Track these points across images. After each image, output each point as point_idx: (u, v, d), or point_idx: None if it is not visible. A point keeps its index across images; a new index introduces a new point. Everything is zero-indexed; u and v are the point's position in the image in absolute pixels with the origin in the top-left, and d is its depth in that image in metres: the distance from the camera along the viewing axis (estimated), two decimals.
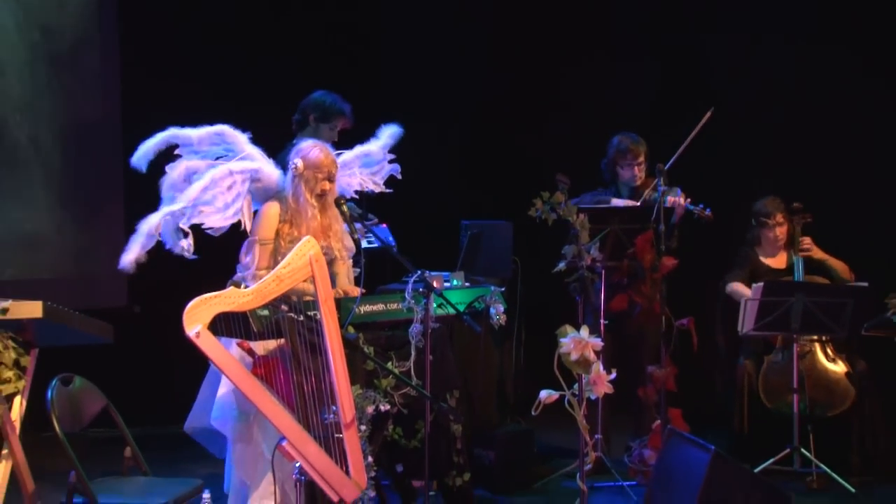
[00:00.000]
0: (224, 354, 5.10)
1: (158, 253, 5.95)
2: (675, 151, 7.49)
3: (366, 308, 5.93)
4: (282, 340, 5.42)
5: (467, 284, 6.61)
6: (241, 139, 6.15)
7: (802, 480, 7.09)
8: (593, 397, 5.48)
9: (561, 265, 7.06)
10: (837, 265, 7.67)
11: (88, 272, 8.96)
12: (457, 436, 6.27)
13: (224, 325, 5.19)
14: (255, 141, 6.21)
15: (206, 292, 5.00)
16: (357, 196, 6.52)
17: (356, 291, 6.08)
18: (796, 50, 8.88)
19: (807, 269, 7.62)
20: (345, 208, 6.07)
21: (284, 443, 5.05)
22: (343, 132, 6.95)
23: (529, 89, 9.76)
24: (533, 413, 5.44)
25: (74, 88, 9.20)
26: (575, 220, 6.82)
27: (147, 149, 6.05)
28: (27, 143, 8.92)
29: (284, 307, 5.29)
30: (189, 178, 6.01)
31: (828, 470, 7.14)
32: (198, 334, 4.90)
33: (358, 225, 6.26)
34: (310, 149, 6.02)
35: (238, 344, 5.59)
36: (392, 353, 5.96)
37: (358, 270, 6.40)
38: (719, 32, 9.23)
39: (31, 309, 5.15)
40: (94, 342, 5.55)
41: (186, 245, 5.90)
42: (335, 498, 5.15)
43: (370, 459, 5.42)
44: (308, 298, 5.36)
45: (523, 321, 7.90)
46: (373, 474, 5.44)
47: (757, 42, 9.01)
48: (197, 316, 4.92)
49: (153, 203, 6.04)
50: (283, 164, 6.15)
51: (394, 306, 6.01)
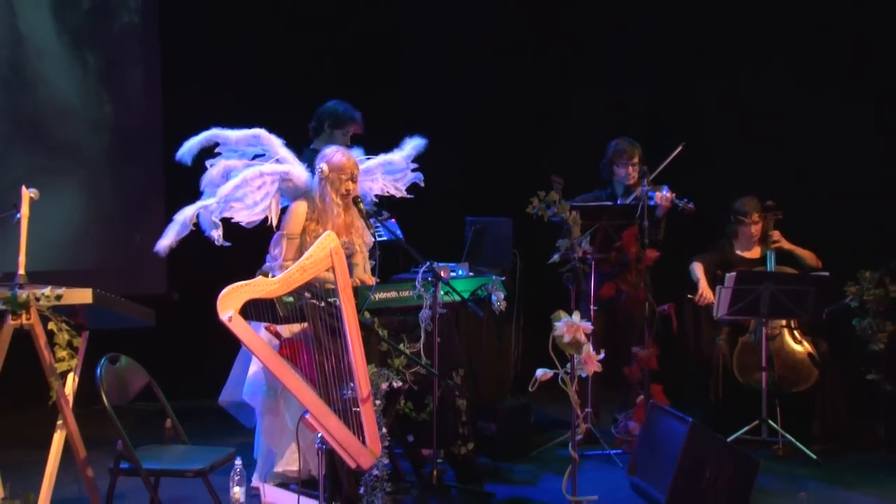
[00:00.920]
0: (254, 337, 5.12)
1: (195, 245, 5.97)
2: (657, 153, 7.52)
3: (380, 295, 5.91)
4: (305, 324, 5.44)
5: (471, 274, 6.62)
6: (276, 142, 6.15)
7: (769, 448, 7.09)
8: (584, 375, 5.47)
9: (555, 257, 7.12)
10: (805, 254, 7.66)
11: (132, 263, 8.93)
12: (462, 409, 6.24)
13: (254, 311, 5.25)
14: (290, 145, 6.23)
15: (238, 281, 5.03)
16: (377, 199, 6.49)
17: (372, 280, 6.10)
18: (770, 74, 8.86)
19: (778, 260, 7.63)
20: (361, 206, 6.08)
21: (307, 415, 5.06)
22: (357, 137, 6.92)
23: (529, 100, 9.71)
24: (530, 389, 5.45)
25: (119, 97, 9.16)
26: (568, 217, 6.86)
27: (191, 145, 6.07)
28: (76, 147, 8.91)
29: (308, 294, 5.32)
30: (227, 175, 6.02)
31: (792, 439, 7.15)
32: (230, 319, 4.93)
33: (372, 220, 6.24)
34: (333, 154, 6.01)
35: (266, 327, 5.64)
36: (404, 336, 5.93)
37: (374, 262, 6.42)
38: (710, 67, 9.20)
39: (82, 295, 5.25)
40: (138, 325, 5.65)
41: (217, 234, 5.92)
42: (353, 465, 5.18)
43: (384, 430, 5.36)
44: (329, 286, 5.35)
45: (521, 307, 7.84)
46: (386, 444, 5.40)
47: (737, 69, 8.99)
48: (229, 302, 4.95)
49: (191, 199, 6.04)
50: (309, 164, 6.15)
51: (405, 294, 5.99)
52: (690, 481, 5.84)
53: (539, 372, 5.41)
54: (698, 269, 7.69)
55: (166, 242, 5.93)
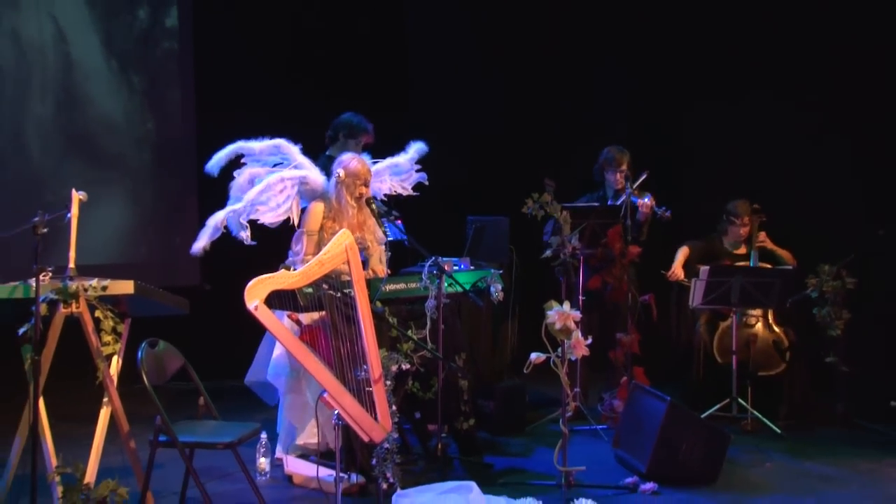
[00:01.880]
0: (277, 324, 5.13)
1: (224, 242, 6.00)
2: (641, 159, 7.52)
3: (390, 287, 5.95)
4: (323, 312, 5.43)
5: (472, 268, 6.58)
6: (294, 150, 6.19)
7: (739, 424, 7.08)
8: (573, 358, 5.58)
9: (548, 252, 7.14)
10: (784, 253, 7.67)
11: (169, 257, 8.97)
12: (464, 389, 6.26)
13: (277, 300, 5.26)
14: (307, 152, 6.26)
15: (263, 274, 5.03)
16: (386, 198, 6.50)
17: (385, 271, 6.21)
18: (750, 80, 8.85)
19: (759, 258, 7.66)
20: (373, 206, 6.13)
21: (325, 394, 5.08)
22: (368, 146, 6.91)
23: (525, 111, 9.69)
24: (525, 371, 5.55)
25: (160, 114, 9.18)
26: (559, 216, 6.87)
27: (219, 157, 6.10)
28: (122, 159, 8.94)
29: (325, 286, 5.31)
30: (252, 182, 6.07)
31: (759, 416, 7.17)
32: (256, 308, 4.93)
33: (384, 220, 6.26)
34: (349, 161, 6.06)
35: (288, 315, 5.70)
36: (412, 323, 5.94)
37: (389, 253, 6.45)
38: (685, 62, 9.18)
39: (125, 287, 5.28)
40: (174, 313, 5.65)
41: (245, 235, 5.96)
42: (366, 438, 5.19)
43: (394, 408, 5.34)
44: (344, 278, 5.35)
45: (517, 297, 7.80)
46: (396, 420, 5.37)
47: (718, 71, 8.99)
48: (255, 293, 4.95)
49: (221, 203, 6.08)
50: (325, 169, 6.19)
51: (413, 285, 6.02)
52: (668, 453, 5.90)
53: (533, 355, 5.51)
54: (681, 252, 7.72)
55: (200, 245, 5.99)
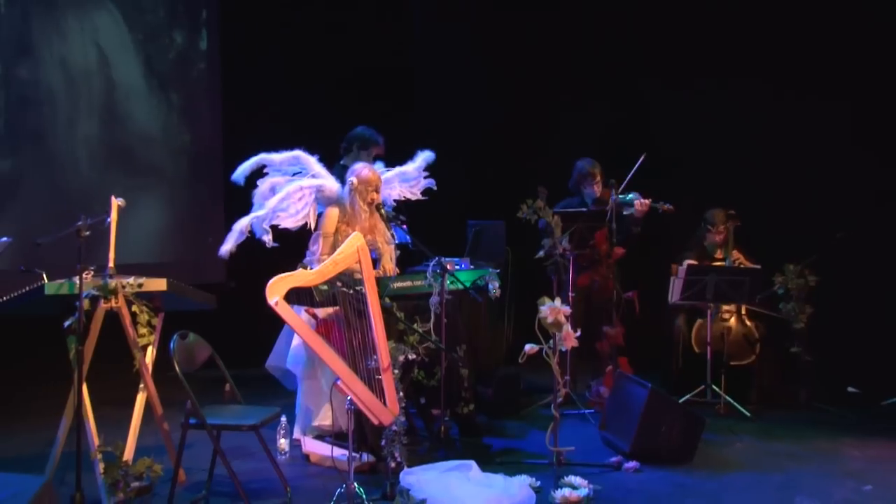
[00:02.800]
0: (295, 317, 5.16)
1: (248, 243, 6.00)
2: (624, 166, 7.47)
3: (398, 284, 5.95)
4: (337, 307, 5.46)
5: (472, 267, 6.55)
6: (312, 161, 6.18)
7: (713, 408, 7.11)
8: (564, 349, 5.63)
9: (541, 253, 7.15)
10: (748, 264, 7.64)
11: (198, 257, 8.94)
12: (464, 377, 6.27)
13: (295, 296, 5.27)
14: (323, 161, 6.25)
15: (283, 273, 5.06)
16: (395, 203, 6.47)
17: (395, 270, 6.19)
18: (724, 93, 8.82)
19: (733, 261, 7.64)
20: (383, 211, 6.13)
21: (339, 381, 5.10)
22: (379, 156, 6.89)
23: (520, 125, 9.65)
24: (520, 361, 5.63)
25: (192, 127, 9.19)
26: (551, 220, 6.89)
27: (243, 168, 6.11)
28: (156, 168, 8.95)
29: (339, 283, 5.33)
30: (273, 190, 6.06)
31: (731, 400, 7.20)
32: (276, 303, 4.96)
33: (392, 224, 6.24)
34: (361, 169, 6.07)
35: (306, 310, 5.70)
36: (417, 317, 5.89)
37: (398, 252, 6.40)
38: (661, 79, 9.18)
39: (159, 284, 5.34)
40: (203, 308, 5.69)
41: (268, 239, 5.94)
42: (376, 421, 5.21)
43: (401, 394, 5.37)
44: (356, 277, 5.35)
45: (513, 294, 7.79)
46: (403, 405, 5.42)
47: (692, 86, 8.97)
48: (276, 289, 4.97)
49: (245, 209, 6.09)
50: (339, 177, 6.18)
51: (418, 283, 6.01)
52: (649, 434, 5.91)
53: (527, 346, 5.57)
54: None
55: (227, 247, 5.98)
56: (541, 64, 9.74)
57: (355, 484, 5.01)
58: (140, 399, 5.48)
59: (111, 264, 5.35)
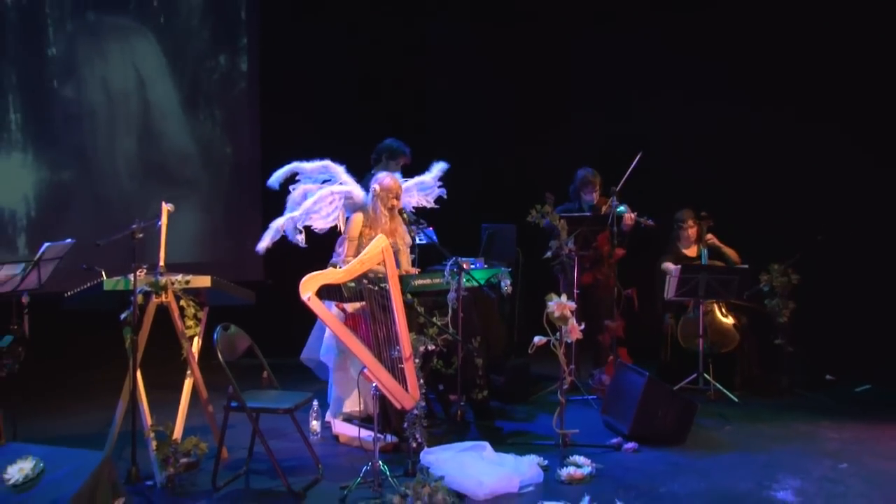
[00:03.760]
0: (326, 312, 5.21)
1: (283, 245, 6.04)
2: (622, 173, 7.45)
3: (418, 282, 5.99)
4: (364, 303, 5.47)
5: (486, 266, 6.61)
6: (340, 170, 6.22)
7: (704, 394, 7.10)
8: (569, 341, 5.65)
9: (548, 253, 7.15)
10: (730, 252, 7.67)
11: (239, 256, 8.97)
12: (479, 366, 6.29)
13: (326, 292, 5.30)
14: (351, 171, 6.29)
15: (314, 271, 5.10)
16: (414, 210, 6.47)
17: (413, 271, 6.23)
18: (703, 105, 8.77)
19: (709, 256, 7.65)
20: (405, 216, 6.16)
21: (365, 370, 5.13)
22: (406, 166, 6.91)
23: (528, 135, 9.64)
24: (529, 351, 5.67)
25: (231, 139, 9.22)
26: (558, 223, 6.93)
27: (278, 175, 6.15)
28: (201, 176, 8.99)
29: (365, 281, 5.34)
30: (305, 196, 6.10)
31: (720, 387, 7.20)
32: (309, 298, 5.00)
33: (413, 227, 6.29)
34: (383, 178, 6.10)
35: (336, 305, 5.74)
36: (436, 312, 5.91)
37: (414, 256, 6.46)
38: (653, 94, 9.16)
39: (204, 281, 5.41)
40: (243, 303, 5.74)
41: (300, 239, 5.99)
42: (398, 406, 5.24)
43: (421, 381, 5.37)
44: (381, 275, 5.37)
45: (523, 291, 7.80)
46: (423, 391, 5.43)
47: (678, 98, 8.94)
48: (308, 286, 5.01)
49: (280, 212, 6.14)
50: (367, 186, 6.19)
51: (437, 280, 6.04)
52: (647, 418, 5.93)
53: (536, 338, 5.60)
54: (668, 266, 7.65)
55: (263, 244, 6.02)
56: (547, 77, 9.73)
57: (380, 462, 5.05)
58: (187, 384, 5.54)
59: (162, 263, 5.41)
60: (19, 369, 4.92)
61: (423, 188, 6.48)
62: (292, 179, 6.18)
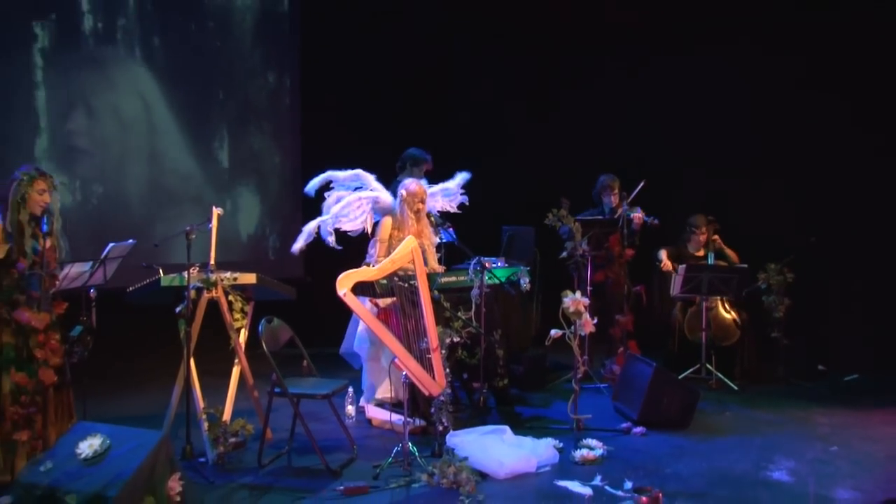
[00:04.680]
0: (360, 306, 5.27)
1: (321, 246, 6.06)
2: (630, 176, 7.54)
3: (444, 279, 6.01)
4: (394, 298, 5.51)
5: (506, 265, 6.63)
6: (370, 178, 6.22)
7: (706, 383, 7.13)
8: (583, 334, 5.66)
9: (564, 254, 7.22)
10: (731, 254, 7.66)
11: (281, 256, 9.02)
12: (500, 356, 6.29)
13: (360, 289, 5.35)
14: (380, 178, 6.31)
15: (349, 269, 5.16)
16: (439, 213, 6.46)
17: (440, 269, 6.24)
18: (709, 115, 8.77)
19: (714, 257, 7.65)
20: (431, 218, 6.18)
21: (396, 360, 5.19)
22: (429, 172, 6.88)
23: (547, 144, 9.64)
24: (546, 343, 5.68)
25: (276, 148, 9.27)
26: (573, 226, 6.95)
27: (314, 183, 6.18)
28: (252, 183, 9.03)
29: (396, 278, 5.38)
30: (338, 202, 6.12)
31: (721, 376, 7.22)
32: (345, 294, 5.06)
33: (439, 228, 6.29)
34: (410, 184, 6.09)
35: (369, 300, 5.76)
36: (461, 307, 5.89)
37: (440, 255, 6.46)
38: (660, 106, 9.11)
39: (250, 278, 5.46)
40: (285, 298, 5.76)
41: (331, 240, 6.01)
42: (426, 393, 5.29)
43: (447, 370, 5.42)
44: (410, 273, 5.39)
45: (541, 287, 7.76)
46: (449, 379, 5.46)
47: (688, 112, 8.92)
48: (344, 283, 5.07)
49: (317, 215, 6.17)
50: (394, 192, 6.21)
51: (462, 278, 6.07)
52: (653, 405, 5.95)
53: (553, 331, 5.61)
54: (664, 252, 7.70)
55: (298, 245, 6.07)
56: (561, 91, 9.73)
57: (409, 443, 5.08)
58: (235, 371, 5.59)
59: (212, 262, 5.47)
60: (88, 356, 4.97)
61: (447, 194, 6.49)
62: (327, 187, 6.20)
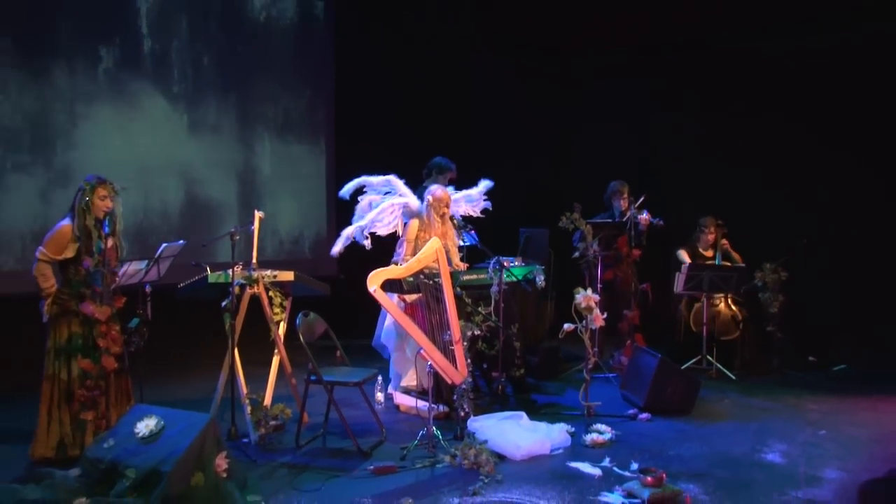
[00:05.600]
0: (389, 302, 5.30)
1: (352, 246, 6.10)
2: (638, 181, 7.57)
3: (466, 277, 6.00)
4: (420, 294, 5.55)
5: (523, 264, 6.59)
6: (400, 183, 6.25)
7: (707, 373, 7.15)
8: (593, 327, 5.68)
9: (576, 254, 7.20)
10: (737, 256, 7.66)
11: (316, 256, 9.02)
12: (517, 348, 6.30)
13: (388, 286, 5.37)
14: (408, 183, 6.34)
15: (379, 268, 5.22)
16: (462, 217, 6.47)
17: (462, 267, 6.24)
18: (716, 124, 8.80)
19: (721, 258, 7.65)
20: (454, 221, 6.21)
21: (421, 351, 5.23)
22: (453, 180, 6.90)
23: (561, 152, 9.71)
24: (560, 336, 5.73)
25: (310, 156, 9.22)
26: (584, 228, 6.95)
27: (348, 188, 6.23)
28: (291, 189, 8.99)
29: (422, 276, 5.42)
30: (370, 206, 6.17)
31: (721, 367, 7.24)
32: (375, 290, 5.12)
33: (461, 231, 6.33)
34: (436, 190, 6.12)
35: (398, 296, 5.78)
36: (481, 302, 5.89)
37: (462, 254, 6.47)
38: (669, 116, 9.12)
39: (288, 275, 5.51)
40: (320, 294, 5.79)
41: (367, 243, 6.04)
42: (449, 381, 5.33)
43: (469, 361, 5.43)
44: (435, 271, 5.43)
45: (555, 285, 7.80)
46: (470, 369, 5.48)
47: (695, 121, 8.95)
48: (374, 280, 5.13)
49: (348, 218, 6.24)
50: (421, 197, 6.23)
51: (482, 276, 6.03)
52: (658, 393, 5.98)
53: (566, 325, 5.64)
54: (684, 254, 7.68)
55: (337, 249, 6.08)
56: (574, 103, 9.77)
57: (434, 427, 5.11)
58: (275, 361, 5.66)
59: (254, 261, 5.54)
60: (144, 345, 5.06)
61: (470, 200, 6.49)
62: (360, 190, 6.23)
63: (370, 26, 9.40)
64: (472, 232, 6.34)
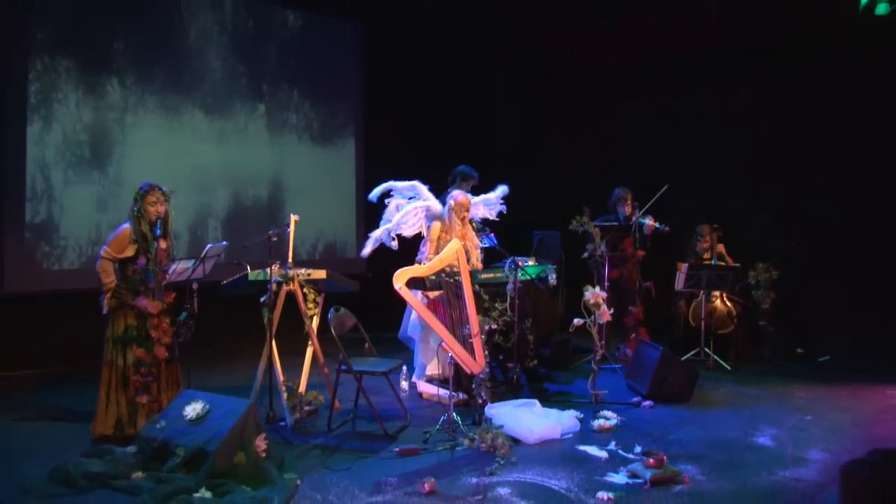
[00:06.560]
0: (413, 298, 5.28)
1: (380, 247, 6.13)
2: (642, 187, 7.54)
3: (483, 276, 6.01)
4: (442, 291, 5.54)
5: (536, 264, 6.60)
6: (424, 188, 6.26)
7: (704, 364, 7.12)
8: (601, 322, 5.68)
9: (585, 254, 7.18)
10: (730, 259, 7.63)
11: (347, 256, 9.07)
12: (530, 341, 6.30)
13: (413, 283, 5.34)
14: (432, 188, 6.35)
15: (404, 267, 5.21)
16: (481, 220, 6.42)
17: (480, 267, 6.24)
18: (718, 133, 8.74)
19: (717, 260, 7.61)
20: (473, 224, 6.20)
21: (443, 343, 5.22)
22: (475, 187, 6.91)
23: (574, 161, 9.68)
24: (570, 330, 5.71)
25: (342, 162, 9.28)
26: (593, 231, 6.95)
27: (376, 191, 6.22)
28: (314, 195, 8.99)
29: (443, 274, 5.40)
30: (397, 209, 6.17)
31: (717, 358, 7.21)
32: (400, 288, 5.10)
33: (480, 233, 6.32)
34: (457, 195, 6.13)
35: (421, 293, 5.77)
36: (498, 299, 5.89)
37: (482, 254, 6.45)
38: (671, 127, 9.09)
39: (321, 274, 5.55)
40: (349, 291, 5.81)
41: (394, 245, 6.06)
42: (468, 371, 5.31)
43: (486, 352, 5.39)
44: (455, 270, 5.40)
45: (565, 283, 7.81)
46: (487, 360, 5.42)
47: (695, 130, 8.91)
48: (400, 278, 5.11)
49: (374, 221, 6.27)
50: (444, 201, 6.24)
51: (499, 275, 6.05)
52: (660, 382, 5.97)
53: (576, 320, 5.64)
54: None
55: (367, 250, 6.12)
56: (582, 113, 9.74)
57: (454, 413, 5.13)
58: (309, 351, 5.69)
59: (290, 260, 5.58)
60: (191, 337, 5.13)
61: (488, 204, 6.48)
62: (387, 194, 6.24)
63: (399, 44, 9.41)
64: (492, 235, 6.32)
